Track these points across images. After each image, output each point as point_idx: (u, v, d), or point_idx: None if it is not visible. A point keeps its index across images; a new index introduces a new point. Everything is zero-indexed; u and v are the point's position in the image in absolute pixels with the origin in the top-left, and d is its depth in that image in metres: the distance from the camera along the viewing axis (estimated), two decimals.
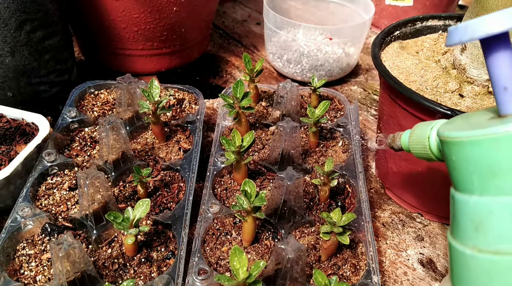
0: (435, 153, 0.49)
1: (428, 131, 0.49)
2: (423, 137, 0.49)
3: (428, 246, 0.72)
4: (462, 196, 0.40)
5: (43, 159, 0.71)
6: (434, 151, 0.48)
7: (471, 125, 0.40)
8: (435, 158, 0.49)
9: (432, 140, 0.48)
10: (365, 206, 0.68)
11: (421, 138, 0.50)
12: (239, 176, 0.71)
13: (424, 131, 0.50)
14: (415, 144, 0.51)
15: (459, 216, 0.40)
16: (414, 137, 0.51)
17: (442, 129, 0.42)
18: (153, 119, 0.75)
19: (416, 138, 0.51)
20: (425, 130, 0.50)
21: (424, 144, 0.49)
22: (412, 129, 0.53)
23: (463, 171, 0.39)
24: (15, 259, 0.60)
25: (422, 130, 0.50)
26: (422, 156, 0.51)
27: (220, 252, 0.62)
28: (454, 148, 0.39)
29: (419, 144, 0.50)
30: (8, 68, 0.80)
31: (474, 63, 0.66)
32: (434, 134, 0.48)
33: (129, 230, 0.57)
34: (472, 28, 0.36)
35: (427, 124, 0.50)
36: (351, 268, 0.61)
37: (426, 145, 0.49)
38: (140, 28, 0.96)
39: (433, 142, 0.48)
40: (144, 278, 0.58)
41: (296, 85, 0.79)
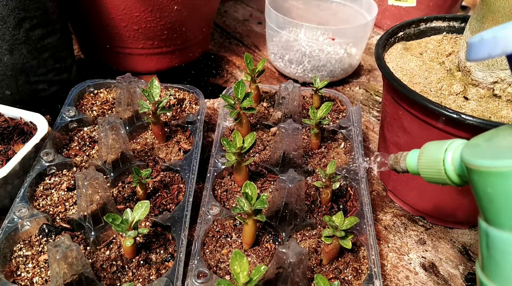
0: (453, 178, 0.43)
1: (442, 154, 0.44)
2: (436, 160, 0.44)
3: (430, 250, 0.71)
4: (502, 233, 0.34)
5: (41, 159, 0.70)
6: (452, 176, 0.43)
7: (505, 149, 0.35)
8: (452, 183, 0.44)
9: (448, 164, 0.43)
10: (367, 209, 0.67)
11: (434, 162, 0.44)
12: (240, 177, 0.70)
13: (436, 153, 0.44)
14: (426, 168, 0.46)
15: (497, 255, 0.35)
16: (424, 159, 0.46)
17: (468, 155, 0.36)
18: (153, 119, 0.74)
19: (427, 161, 0.46)
20: (438, 151, 0.44)
21: (438, 168, 0.44)
22: (421, 150, 0.48)
23: (504, 205, 0.34)
24: (11, 260, 0.59)
25: (434, 151, 0.45)
26: (435, 180, 0.46)
27: (220, 254, 0.61)
28: (491, 180, 0.34)
29: (431, 168, 0.45)
30: (7, 66, 0.79)
31: (479, 65, 0.65)
32: (450, 157, 0.43)
33: (128, 232, 0.56)
34: (504, 42, 0.31)
35: (439, 145, 0.45)
36: (353, 272, 0.60)
37: (441, 170, 0.44)
38: (140, 26, 0.95)
39: (449, 166, 0.43)
40: (143, 280, 0.57)
41: (298, 86, 0.78)
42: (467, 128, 0.59)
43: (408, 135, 0.69)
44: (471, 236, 0.74)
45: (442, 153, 0.44)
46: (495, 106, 0.64)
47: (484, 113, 0.63)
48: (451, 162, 0.43)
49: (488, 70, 0.64)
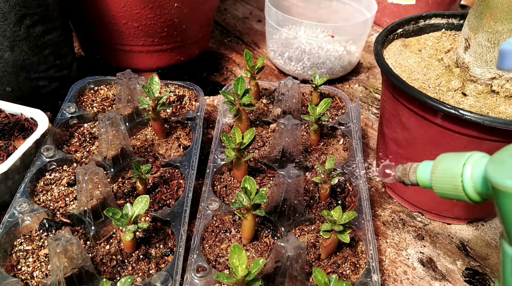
0: (472, 196, 0.40)
1: (460, 168, 0.40)
2: (453, 176, 0.40)
3: (428, 245, 0.72)
4: None
5: (42, 154, 0.71)
6: (471, 194, 0.40)
7: None
8: (469, 201, 0.41)
9: (466, 180, 0.39)
10: (365, 205, 0.67)
11: (451, 177, 0.41)
12: (239, 173, 0.70)
13: (453, 168, 0.41)
14: (441, 183, 0.42)
15: None
16: (439, 174, 0.43)
17: (496, 174, 0.34)
18: (153, 116, 0.75)
19: (442, 176, 0.42)
20: (455, 166, 0.41)
21: (455, 184, 0.40)
22: (435, 163, 0.44)
23: None
24: (12, 254, 0.60)
25: (451, 165, 0.41)
26: (450, 197, 0.42)
27: (219, 249, 0.61)
28: None
29: (447, 184, 0.41)
30: (7, 63, 0.80)
31: (477, 61, 0.65)
32: (469, 172, 0.39)
33: (128, 226, 0.57)
34: None
35: (456, 158, 0.41)
36: (351, 267, 0.60)
37: (459, 186, 0.40)
38: (140, 24, 0.95)
39: (468, 182, 0.39)
40: (142, 274, 0.58)
41: (297, 82, 0.79)
42: (465, 124, 0.60)
43: (406, 131, 0.70)
44: (469, 231, 0.75)
45: (460, 167, 0.40)
46: (493, 102, 0.64)
47: (482, 109, 0.63)
48: (470, 178, 0.40)
49: (486, 66, 0.64)
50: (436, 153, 0.67)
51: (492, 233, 0.75)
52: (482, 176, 0.38)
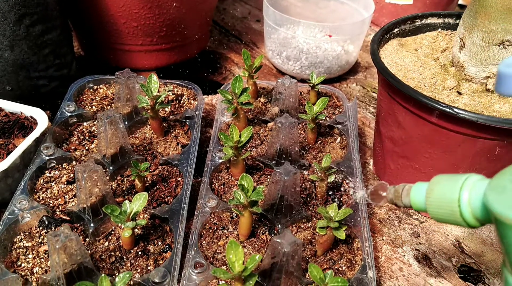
0: (470, 222, 0.39)
1: (457, 193, 0.39)
2: (449, 200, 0.39)
3: (424, 243, 0.72)
4: None
5: (41, 152, 0.71)
6: (469, 219, 0.38)
7: None
8: (467, 226, 0.39)
9: (464, 205, 0.38)
10: (362, 202, 0.68)
11: (447, 202, 0.39)
12: (237, 171, 0.71)
13: (450, 192, 0.39)
14: (437, 208, 0.41)
15: None
16: (434, 198, 0.41)
17: (497, 204, 0.32)
18: (152, 114, 0.76)
19: (438, 201, 0.41)
20: (451, 190, 0.39)
21: (452, 209, 0.39)
22: (430, 186, 0.43)
23: None
24: (12, 251, 0.60)
25: (447, 189, 0.40)
26: (447, 221, 0.41)
27: (217, 246, 0.62)
28: None
29: (443, 209, 0.40)
30: (7, 62, 0.81)
31: (472, 60, 0.66)
32: (466, 197, 0.38)
33: (126, 223, 0.57)
34: None
35: (452, 181, 0.40)
36: (347, 263, 0.61)
37: (456, 212, 0.39)
38: (139, 23, 0.96)
39: (466, 207, 0.38)
40: (141, 270, 0.58)
41: (294, 81, 0.80)
42: (460, 122, 0.61)
43: (402, 130, 0.70)
44: (464, 229, 0.75)
45: (457, 192, 0.39)
46: (488, 101, 0.65)
47: (476, 107, 0.64)
48: (468, 203, 0.38)
49: (481, 65, 0.65)
50: (431, 151, 0.68)
51: (487, 230, 0.76)
52: (481, 202, 0.37)
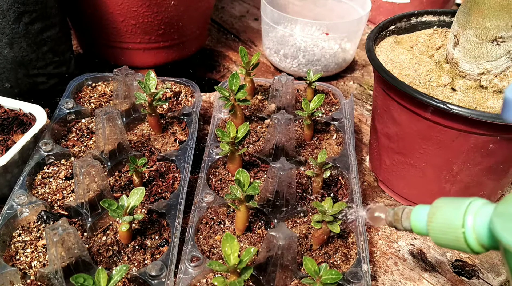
0: (474, 248, 0.37)
1: (461, 219, 0.37)
2: (453, 226, 0.38)
3: (419, 238, 0.73)
4: None
5: (40, 148, 0.72)
6: (474, 246, 0.37)
7: None
8: (471, 252, 0.38)
9: (469, 231, 0.37)
10: (357, 197, 0.68)
11: (451, 227, 0.38)
12: (234, 167, 0.71)
13: (453, 217, 0.38)
14: (440, 233, 0.40)
15: None
16: (437, 223, 0.40)
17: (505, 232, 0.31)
18: (149, 111, 0.76)
19: (441, 226, 0.39)
20: (455, 215, 0.38)
21: (457, 235, 0.37)
22: (431, 211, 0.41)
23: None
24: (11, 245, 0.61)
25: (450, 215, 0.39)
26: (451, 247, 0.39)
27: (213, 240, 0.63)
28: None
29: (447, 234, 0.38)
30: (6, 59, 0.81)
31: (466, 57, 0.66)
32: (471, 222, 0.37)
33: (123, 217, 0.58)
34: None
35: (455, 206, 0.38)
36: (342, 257, 0.62)
37: (460, 238, 0.37)
38: (138, 21, 0.97)
39: (470, 233, 0.36)
40: (138, 264, 0.59)
41: (291, 78, 0.80)
42: (454, 118, 0.61)
43: (397, 126, 0.71)
44: None
45: (460, 217, 0.37)
46: (482, 97, 0.65)
47: (470, 103, 0.65)
48: (473, 229, 0.37)
49: (475, 62, 0.66)
50: (426, 147, 0.69)
51: None
52: (487, 228, 0.36)
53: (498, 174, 0.70)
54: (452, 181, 0.70)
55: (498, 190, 0.75)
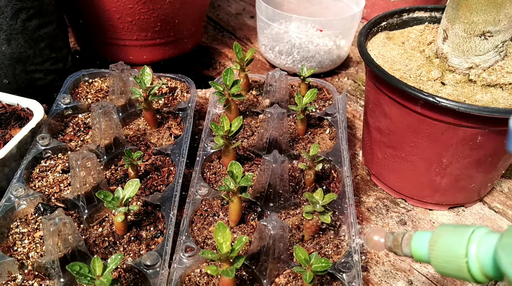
0: (478, 278, 0.36)
1: (464, 248, 0.36)
2: (456, 255, 0.37)
3: (410, 230, 0.74)
4: None
5: (37, 143, 0.73)
6: (477, 276, 0.36)
7: None
8: (474, 282, 0.37)
9: (472, 261, 0.36)
10: (349, 190, 0.70)
11: (454, 256, 0.37)
12: (228, 160, 0.73)
13: (456, 246, 0.37)
14: (443, 262, 0.39)
15: None
16: (440, 252, 0.39)
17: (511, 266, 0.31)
18: (145, 106, 0.77)
19: (443, 255, 0.38)
20: (458, 244, 0.37)
21: (460, 265, 0.36)
22: (433, 238, 0.40)
23: None
24: (9, 236, 0.62)
25: (452, 243, 0.37)
26: (453, 276, 0.39)
27: (208, 231, 0.64)
28: None
29: (450, 264, 0.37)
30: (4, 55, 0.82)
31: (455, 51, 0.68)
32: (474, 252, 0.36)
33: (119, 208, 0.59)
34: None
35: (458, 234, 0.37)
36: (333, 248, 0.63)
37: (463, 267, 0.36)
38: (134, 18, 0.98)
39: (474, 263, 0.36)
40: (134, 255, 0.60)
41: (284, 73, 0.81)
42: (442, 111, 0.63)
43: (388, 120, 0.72)
44: (450, 217, 0.77)
45: (464, 247, 0.36)
46: (470, 91, 0.67)
47: (459, 97, 0.66)
48: (476, 259, 0.36)
49: (464, 56, 0.67)
50: (416, 140, 0.70)
51: (473, 218, 0.78)
52: (491, 258, 0.35)
53: (487, 166, 0.71)
54: (442, 174, 0.72)
55: (488, 183, 0.77)
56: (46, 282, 0.57)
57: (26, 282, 0.57)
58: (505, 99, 0.65)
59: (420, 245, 0.42)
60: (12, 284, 0.57)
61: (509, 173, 0.86)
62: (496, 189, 0.83)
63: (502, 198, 0.82)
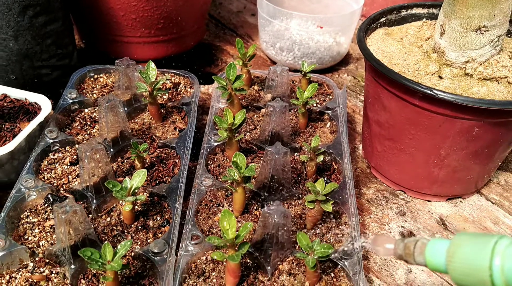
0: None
1: (487, 260, 0.34)
2: (479, 268, 0.35)
3: (409, 220, 0.76)
4: None
5: (46, 136, 0.75)
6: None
7: None
8: None
9: (497, 274, 0.34)
10: (349, 181, 0.72)
11: (476, 269, 0.35)
12: (232, 153, 0.74)
13: (478, 258, 0.35)
14: (463, 274, 0.36)
15: None
16: (460, 264, 0.36)
17: None
18: (150, 100, 0.79)
19: (463, 266, 0.36)
20: (481, 256, 0.35)
21: (483, 278, 0.34)
22: (451, 249, 0.38)
23: None
24: (19, 226, 0.64)
25: (474, 255, 0.35)
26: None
27: (212, 221, 0.66)
28: None
29: (471, 276, 0.35)
30: (12, 51, 0.84)
31: (452, 46, 0.70)
32: (499, 264, 0.34)
33: (127, 197, 0.61)
34: None
35: (480, 245, 0.35)
36: (335, 236, 0.65)
37: (487, 281, 0.34)
38: (138, 15, 1.00)
39: (498, 277, 0.34)
40: (141, 243, 0.62)
41: (286, 68, 0.83)
42: (439, 103, 0.65)
43: (388, 113, 0.74)
44: (448, 208, 0.79)
45: (487, 259, 0.34)
46: (467, 84, 0.69)
47: (456, 90, 0.68)
48: (501, 273, 0.34)
49: (460, 51, 0.69)
50: (415, 133, 0.72)
51: (470, 209, 0.80)
52: None
53: (484, 158, 0.73)
54: (440, 165, 0.74)
55: (485, 175, 0.79)
56: (57, 269, 0.59)
57: (37, 269, 0.59)
58: (500, 92, 0.67)
59: (436, 255, 0.39)
60: (24, 271, 0.59)
61: (505, 166, 0.88)
62: (493, 181, 0.85)
63: (499, 189, 0.84)
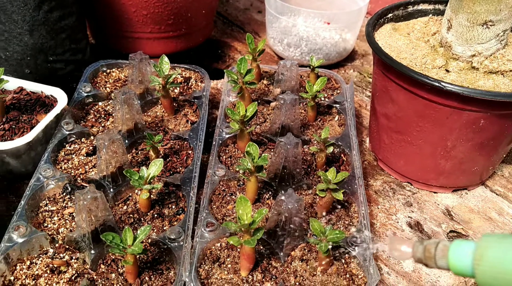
0: None
1: None
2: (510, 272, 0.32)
3: (416, 211, 0.78)
4: None
5: (62, 128, 0.77)
6: None
7: None
8: None
9: None
10: (358, 172, 0.74)
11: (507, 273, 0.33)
12: (243, 144, 0.76)
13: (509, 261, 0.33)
14: (492, 278, 0.34)
15: None
16: (489, 268, 0.34)
17: None
18: (163, 93, 0.81)
19: (493, 270, 0.34)
20: None
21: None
22: (479, 251, 0.35)
23: None
24: (38, 214, 0.66)
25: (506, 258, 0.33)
26: None
27: (226, 209, 0.68)
28: None
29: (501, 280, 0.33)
30: (27, 46, 0.86)
31: (459, 40, 0.72)
32: None
33: (144, 186, 0.63)
34: None
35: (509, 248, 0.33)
36: (345, 224, 0.67)
37: None
38: (149, 11, 1.02)
39: None
40: (157, 231, 0.64)
41: (295, 63, 0.85)
42: (447, 95, 0.66)
43: (396, 106, 0.76)
44: (454, 199, 0.81)
45: None
46: (473, 77, 0.71)
47: (463, 83, 0.70)
48: None
49: (467, 44, 0.71)
50: (422, 125, 0.74)
51: (475, 200, 0.82)
52: None
53: (489, 150, 0.75)
54: (447, 157, 0.76)
55: (490, 167, 0.80)
56: (77, 255, 0.61)
57: (57, 255, 0.61)
58: (506, 85, 0.69)
59: (461, 258, 0.36)
60: (44, 257, 0.61)
61: (509, 159, 0.90)
62: (497, 174, 0.87)
63: (503, 181, 0.85)
